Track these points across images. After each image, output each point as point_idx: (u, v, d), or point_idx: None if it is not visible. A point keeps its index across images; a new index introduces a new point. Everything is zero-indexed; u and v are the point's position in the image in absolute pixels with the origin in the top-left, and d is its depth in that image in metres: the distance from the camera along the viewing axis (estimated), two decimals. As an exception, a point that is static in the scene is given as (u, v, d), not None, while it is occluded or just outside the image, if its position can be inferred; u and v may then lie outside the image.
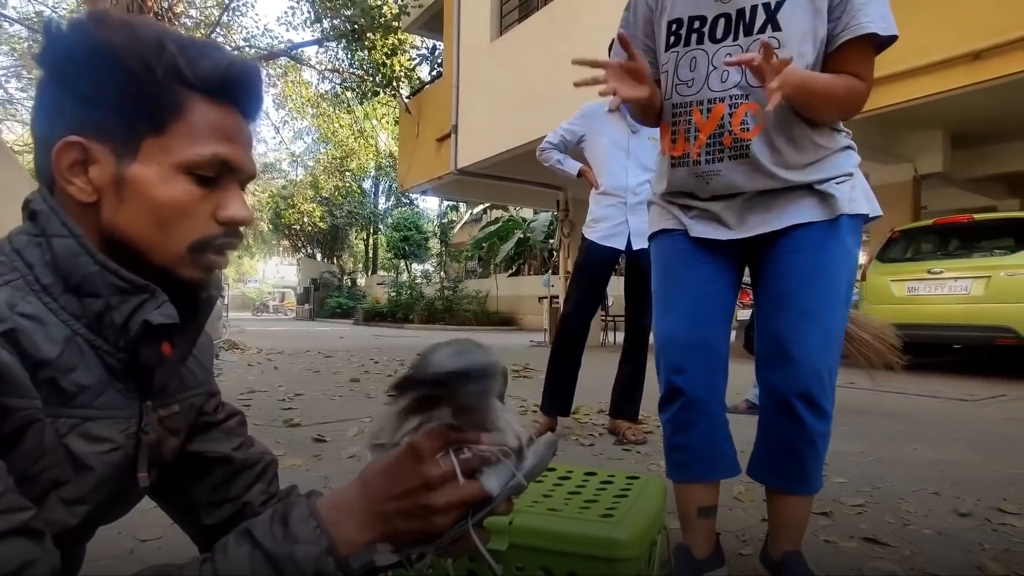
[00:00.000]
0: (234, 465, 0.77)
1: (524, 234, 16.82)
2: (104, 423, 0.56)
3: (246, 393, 3.89)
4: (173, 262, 0.59)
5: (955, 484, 2.09)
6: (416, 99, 11.29)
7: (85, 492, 0.56)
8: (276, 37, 13.50)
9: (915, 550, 1.51)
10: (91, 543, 1.39)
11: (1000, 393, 4.40)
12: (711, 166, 1.19)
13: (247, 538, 0.52)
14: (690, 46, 1.20)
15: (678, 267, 1.29)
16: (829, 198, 1.18)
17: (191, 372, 0.72)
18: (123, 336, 0.57)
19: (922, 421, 3.33)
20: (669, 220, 1.31)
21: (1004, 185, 9.12)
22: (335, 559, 0.52)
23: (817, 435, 1.19)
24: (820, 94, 1.11)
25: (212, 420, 0.78)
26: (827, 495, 1.94)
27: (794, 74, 1.05)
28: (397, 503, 0.55)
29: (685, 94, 1.21)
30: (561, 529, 0.85)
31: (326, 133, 19.05)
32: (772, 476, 1.25)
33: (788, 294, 1.19)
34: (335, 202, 23.63)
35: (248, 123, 0.64)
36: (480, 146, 8.78)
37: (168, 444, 0.67)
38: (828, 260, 1.18)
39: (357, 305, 19.38)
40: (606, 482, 1.07)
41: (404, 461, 0.56)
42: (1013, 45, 4.78)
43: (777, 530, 1.28)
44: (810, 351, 1.16)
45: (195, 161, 0.58)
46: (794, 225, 1.19)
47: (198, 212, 0.59)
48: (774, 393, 1.21)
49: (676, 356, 1.26)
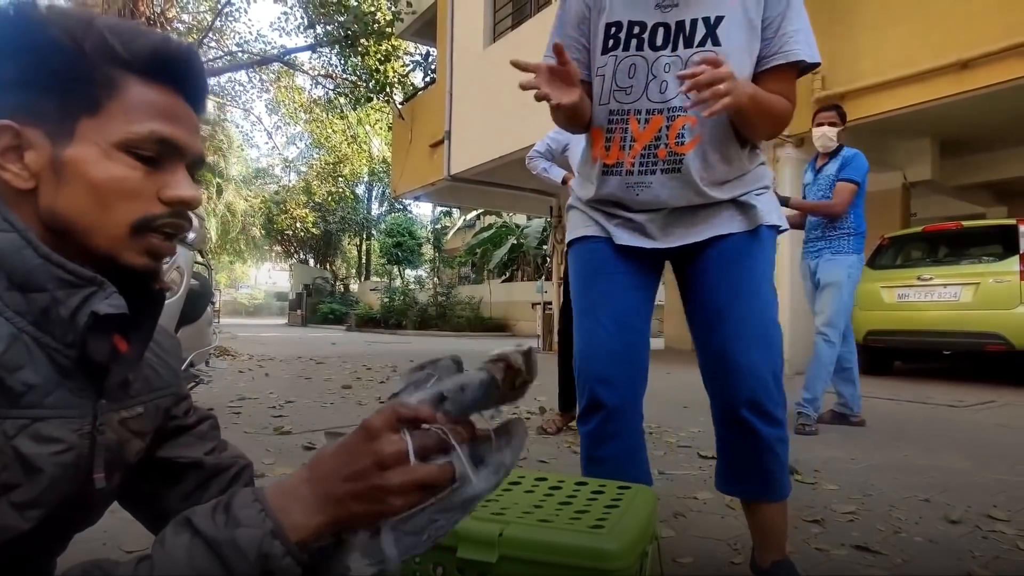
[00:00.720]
0: (206, 471, 0.75)
1: (517, 240, 16.83)
2: (55, 423, 0.54)
3: (236, 400, 3.86)
4: (116, 245, 0.58)
5: (946, 491, 2.10)
6: (409, 105, 11.31)
7: (37, 495, 0.54)
8: (269, 42, 13.53)
9: (906, 558, 1.51)
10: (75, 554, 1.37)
11: (989, 399, 4.42)
12: (643, 177, 1.19)
13: (186, 527, 0.50)
14: (629, 51, 1.18)
15: (601, 275, 1.28)
16: (749, 209, 1.21)
17: (156, 373, 0.70)
18: (71, 331, 0.55)
19: (912, 427, 3.34)
20: (591, 227, 1.29)
21: (992, 192, 9.21)
22: (282, 542, 0.49)
23: (775, 441, 1.20)
24: (765, 110, 1.14)
25: (183, 424, 0.76)
26: (818, 502, 1.94)
27: (746, 85, 1.07)
28: (349, 484, 0.51)
29: (623, 101, 1.19)
30: (552, 540, 0.84)
31: (319, 138, 19.00)
32: (739, 487, 1.26)
33: (724, 306, 1.20)
34: (328, 208, 23.57)
35: (191, 108, 0.62)
36: (473, 152, 8.80)
37: (131, 447, 0.65)
38: (754, 268, 1.21)
39: (350, 311, 19.31)
40: (597, 492, 1.06)
41: (356, 440, 0.53)
42: (1001, 54, 4.84)
43: (759, 539, 1.28)
44: (755, 360, 1.17)
45: (132, 139, 0.57)
46: (717, 236, 1.20)
47: (140, 191, 0.58)
48: (724, 406, 1.21)
49: (601, 366, 1.25)
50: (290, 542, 0.50)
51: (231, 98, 15.68)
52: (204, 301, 3.34)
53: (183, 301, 2.87)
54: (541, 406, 3.56)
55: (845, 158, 3.29)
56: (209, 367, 3.88)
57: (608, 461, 1.25)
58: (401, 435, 0.52)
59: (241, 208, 22.69)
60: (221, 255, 24.25)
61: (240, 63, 12.92)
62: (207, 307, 3.40)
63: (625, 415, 1.24)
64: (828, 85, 5.95)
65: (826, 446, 2.82)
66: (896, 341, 5.69)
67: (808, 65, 1.18)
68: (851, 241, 3.27)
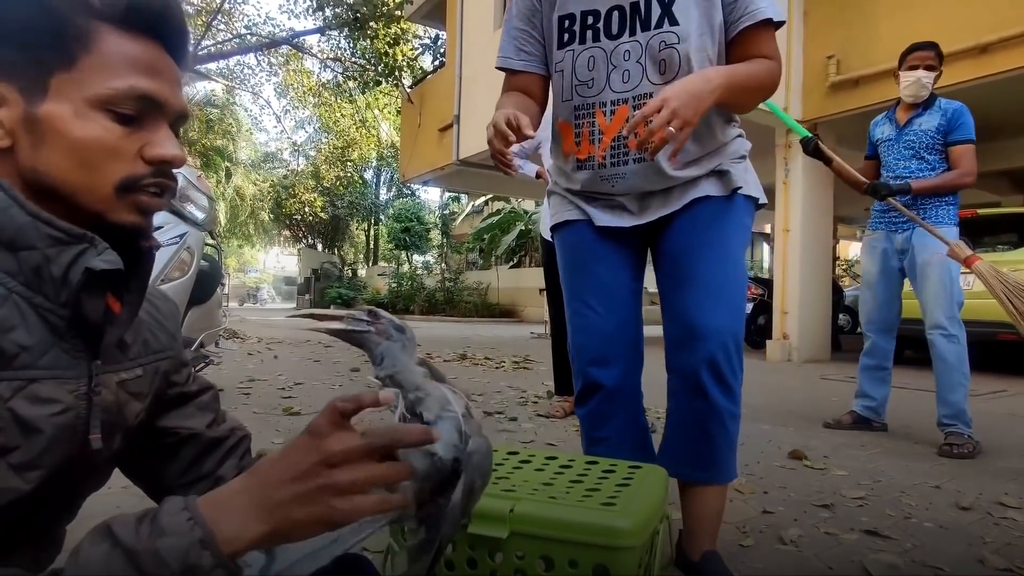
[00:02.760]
0: (204, 443, 0.75)
1: (525, 226, 16.77)
2: (50, 384, 0.54)
3: (246, 381, 3.89)
4: (103, 205, 0.56)
5: (956, 478, 2.08)
6: (418, 89, 11.23)
7: (35, 456, 0.53)
8: (278, 25, 13.46)
9: (916, 543, 1.51)
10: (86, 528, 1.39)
11: (1001, 389, 4.39)
12: (616, 169, 1.18)
13: (106, 537, 0.46)
14: (586, 44, 1.16)
15: (587, 258, 1.27)
16: (724, 175, 1.20)
17: (155, 336, 0.69)
18: (64, 290, 0.54)
19: (923, 415, 3.32)
20: (571, 211, 1.29)
21: (1008, 180, 9.08)
22: (212, 552, 0.45)
23: (727, 414, 1.17)
24: (746, 87, 1.12)
25: (186, 391, 0.75)
26: (828, 487, 1.94)
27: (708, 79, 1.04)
28: (292, 487, 0.47)
29: (586, 95, 1.18)
30: (563, 517, 0.84)
31: (327, 123, 18.96)
32: (684, 465, 1.21)
33: (690, 269, 1.19)
34: (336, 192, 23.55)
35: (172, 58, 0.60)
36: (482, 137, 8.55)
37: (131, 409, 0.64)
38: (726, 233, 1.19)
39: (358, 296, 19.36)
40: (608, 471, 1.06)
41: (300, 441, 0.50)
42: (1020, 38, 4.74)
43: (693, 527, 1.23)
44: (717, 324, 1.15)
45: (110, 95, 0.54)
46: (692, 201, 1.19)
47: (122, 150, 0.56)
48: (681, 370, 1.19)
49: (596, 347, 1.24)
50: (222, 553, 0.45)
51: (240, 81, 15.64)
52: (214, 282, 3.35)
53: (193, 282, 2.88)
54: (549, 390, 3.56)
55: (952, 112, 2.66)
56: (219, 348, 3.90)
57: (608, 441, 1.24)
58: (351, 433, 0.49)
59: (250, 192, 22.71)
60: (230, 239, 24.33)
61: (249, 46, 12.88)
62: (217, 288, 3.41)
63: (622, 394, 1.24)
64: (843, 70, 5.87)
65: (836, 433, 2.80)
66: (907, 330, 5.62)
67: (778, 24, 1.15)
68: (951, 211, 2.66)
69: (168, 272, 2.70)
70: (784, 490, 1.90)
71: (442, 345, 7.06)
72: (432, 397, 0.58)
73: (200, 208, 3.01)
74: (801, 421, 3.07)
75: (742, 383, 1.20)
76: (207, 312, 3.26)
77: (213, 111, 18.95)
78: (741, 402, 1.21)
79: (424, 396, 0.58)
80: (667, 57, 1.12)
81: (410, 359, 0.60)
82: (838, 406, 3.55)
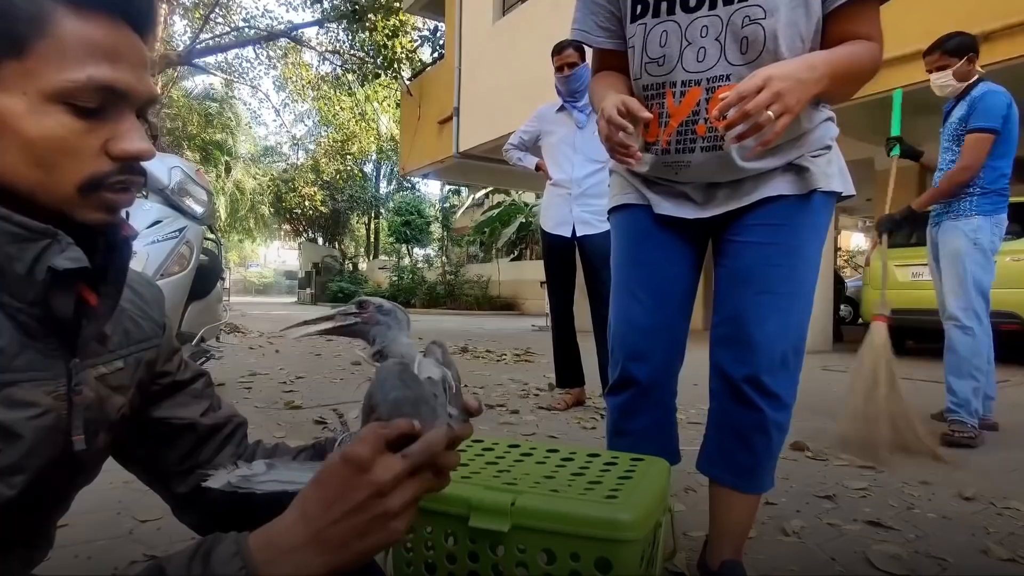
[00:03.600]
0: (201, 432, 0.73)
1: (526, 219, 16.74)
2: (27, 387, 0.51)
3: (247, 376, 3.89)
4: (65, 205, 0.52)
5: (959, 469, 2.08)
6: (417, 81, 11.19)
7: (17, 460, 0.51)
8: (276, 18, 13.41)
9: (919, 533, 1.50)
10: (87, 525, 1.39)
11: (1003, 379, 4.38)
12: (681, 156, 1.08)
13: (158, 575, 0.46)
14: (659, 17, 1.05)
15: (641, 247, 1.19)
16: (803, 172, 1.08)
17: (137, 325, 0.67)
18: (31, 289, 0.51)
19: (925, 406, 3.31)
20: (631, 193, 1.20)
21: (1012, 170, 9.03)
22: None
23: (772, 425, 1.09)
24: (850, 75, 1.00)
25: (179, 379, 0.73)
26: (830, 478, 1.93)
27: (811, 66, 0.92)
28: (349, 522, 0.49)
29: (656, 74, 1.07)
30: (564, 510, 0.83)
31: (327, 116, 18.93)
32: (720, 469, 1.15)
33: (750, 272, 1.10)
34: (336, 186, 23.52)
35: (137, 36, 0.54)
36: (482, 129, 8.71)
37: (112, 403, 0.62)
38: (795, 237, 1.09)
39: (359, 289, 19.37)
40: (610, 463, 1.06)
41: (345, 476, 0.49)
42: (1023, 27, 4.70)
43: (718, 535, 1.17)
44: (769, 333, 1.07)
45: (67, 88, 0.49)
46: (763, 199, 1.09)
47: (83, 148, 0.50)
48: (727, 377, 1.11)
49: (635, 341, 1.18)
50: None
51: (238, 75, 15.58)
52: (214, 277, 3.34)
53: (192, 277, 2.87)
54: (550, 383, 3.56)
55: (973, 99, 2.56)
56: (220, 343, 3.90)
57: (635, 434, 1.20)
58: (393, 457, 0.50)
59: (250, 186, 22.66)
60: (230, 233, 24.31)
61: (247, 39, 12.82)
62: (217, 283, 3.40)
63: (657, 391, 1.19)
64: (845, 59, 5.83)
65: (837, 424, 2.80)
66: (909, 320, 5.63)
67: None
68: (975, 202, 2.58)
69: (167, 267, 2.69)
70: (786, 481, 1.90)
71: (443, 338, 7.05)
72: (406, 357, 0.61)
73: (199, 202, 3.00)
74: (804, 412, 3.06)
75: (796, 392, 1.13)
76: (207, 307, 3.26)
77: (212, 105, 18.90)
78: (791, 411, 1.13)
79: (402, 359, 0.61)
80: (750, 34, 0.99)
81: (398, 333, 0.63)
82: (840, 397, 3.55)
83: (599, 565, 0.81)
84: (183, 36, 14.13)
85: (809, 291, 1.13)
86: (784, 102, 0.88)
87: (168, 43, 11.36)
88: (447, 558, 0.89)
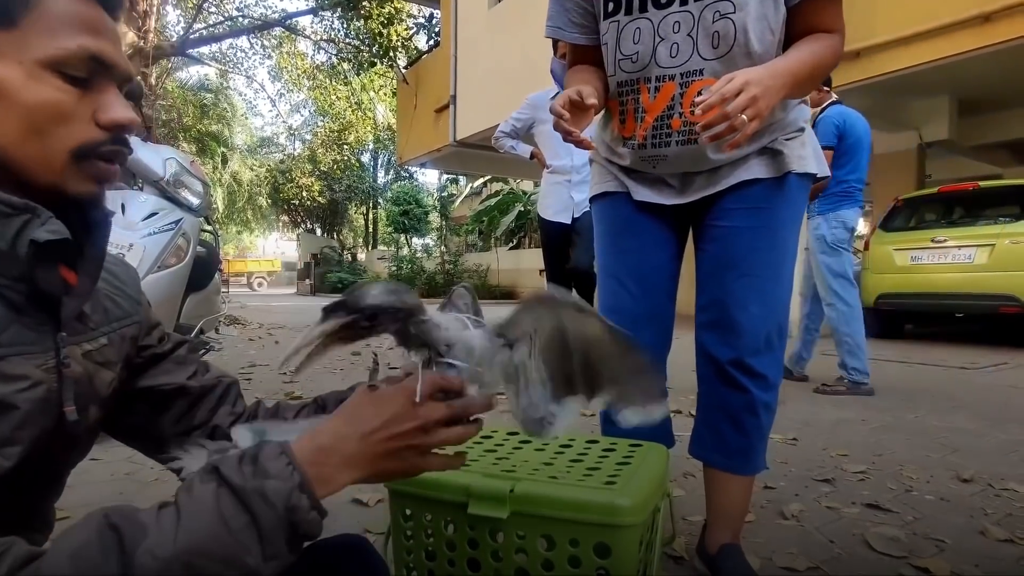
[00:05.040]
0: (192, 394, 0.74)
1: (524, 207, 16.69)
2: (16, 360, 0.52)
3: (247, 367, 3.90)
4: (57, 176, 0.54)
5: (957, 451, 2.09)
6: (413, 70, 11.11)
7: (11, 432, 0.52)
8: (270, 7, 13.25)
9: (917, 515, 1.51)
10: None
11: (1002, 361, 4.40)
12: (657, 151, 1.11)
13: (213, 475, 0.49)
14: (632, 14, 1.07)
15: (623, 234, 1.22)
16: (777, 155, 1.11)
17: (115, 304, 0.68)
18: (14, 264, 0.53)
19: (924, 389, 3.33)
20: (610, 181, 1.22)
21: (1010, 152, 9.01)
22: (308, 496, 0.50)
23: (760, 405, 1.12)
24: (810, 75, 1.02)
25: (160, 351, 0.74)
26: (829, 462, 1.94)
27: (775, 72, 0.95)
28: (388, 444, 0.55)
29: (630, 70, 1.10)
30: (563, 496, 0.84)
31: (323, 106, 18.77)
32: (713, 452, 1.17)
33: (731, 256, 1.12)
34: (334, 176, 23.42)
35: (110, 17, 0.57)
36: (479, 117, 8.66)
37: (102, 378, 0.63)
38: (773, 219, 1.11)
39: (358, 280, 19.36)
40: (608, 450, 1.06)
41: (403, 403, 0.56)
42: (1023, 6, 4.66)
43: (715, 518, 1.19)
44: (753, 316, 1.10)
45: (61, 56, 0.52)
46: (740, 182, 1.11)
47: (75, 115, 0.54)
48: (714, 360, 1.14)
49: (624, 329, 1.20)
50: (316, 497, 0.51)
51: (233, 65, 15.46)
52: (211, 269, 3.33)
53: (190, 268, 2.86)
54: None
55: (816, 121, 3.18)
56: (219, 335, 3.90)
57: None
58: (439, 403, 0.57)
59: (247, 178, 22.58)
60: (228, 225, 24.26)
61: (241, 28, 12.69)
62: (215, 275, 3.39)
63: None
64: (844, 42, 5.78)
65: (837, 408, 2.81)
66: (908, 304, 5.64)
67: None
68: (815, 204, 3.25)
69: (164, 259, 2.68)
70: (785, 465, 1.91)
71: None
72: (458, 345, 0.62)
73: (195, 194, 2.98)
74: (803, 396, 3.07)
75: (782, 371, 1.15)
76: (205, 298, 3.25)
77: (207, 96, 18.77)
78: (779, 389, 1.16)
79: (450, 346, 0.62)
80: (721, 29, 1.02)
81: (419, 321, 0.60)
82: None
83: (598, 550, 0.82)
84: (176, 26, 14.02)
85: (789, 272, 1.16)
86: (757, 107, 0.92)
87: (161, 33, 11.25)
88: (447, 545, 0.90)
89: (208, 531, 0.46)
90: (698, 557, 1.23)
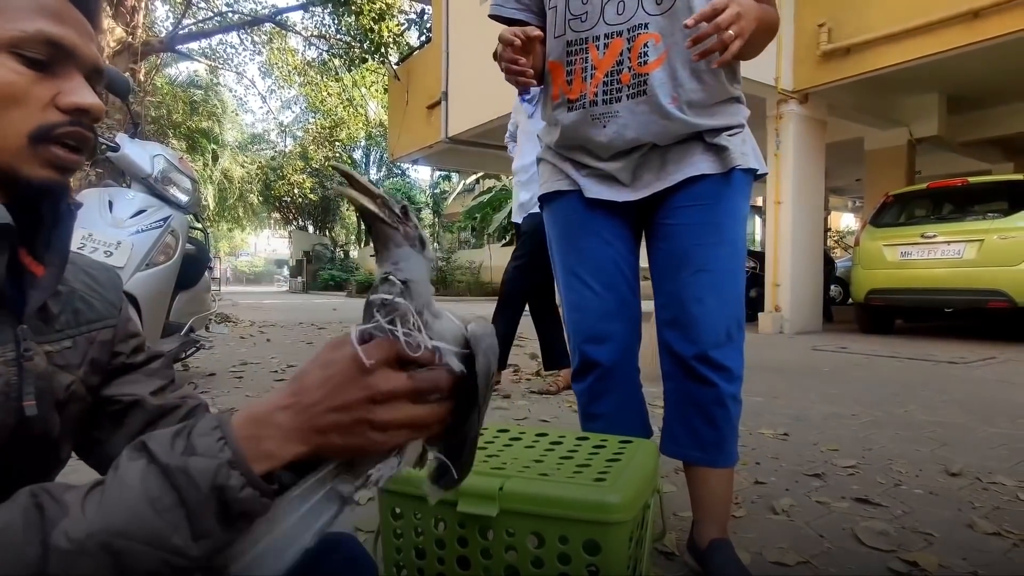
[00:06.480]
0: (149, 411, 0.71)
1: (517, 204, 16.70)
2: None
3: (239, 365, 3.87)
4: (14, 157, 0.53)
5: (946, 445, 2.11)
6: (405, 66, 11.06)
7: None
8: (260, 2, 13.12)
9: (906, 509, 1.52)
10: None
11: (991, 356, 4.43)
12: (609, 107, 1.12)
13: (143, 452, 0.46)
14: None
15: (579, 232, 1.22)
16: (722, 151, 1.14)
17: (88, 305, 0.67)
18: None
19: (913, 384, 3.35)
20: (561, 180, 1.23)
21: (1000, 148, 9.08)
22: (242, 472, 0.46)
23: (727, 397, 1.15)
24: (766, 29, 1.06)
25: (130, 362, 0.72)
26: (819, 457, 1.95)
27: (751, 9, 0.99)
28: (335, 416, 0.49)
29: (579, 29, 1.13)
30: (553, 494, 0.83)
31: (314, 102, 18.66)
32: (689, 448, 1.18)
33: (685, 252, 1.15)
34: (325, 173, 23.31)
35: (79, 10, 0.57)
36: (471, 113, 8.63)
37: (58, 381, 0.61)
38: (723, 214, 1.15)
39: (351, 277, 19.29)
40: (599, 446, 1.06)
41: (348, 370, 0.49)
42: (1012, 3, 4.69)
43: (701, 513, 1.20)
44: (710, 310, 1.13)
45: (17, 37, 0.52)
46: (687, 179, 1.14)
47: (33, 97, 0.53)
48: (678, 357, 1.16)
49: (590, 325, 1.21)
50: (252, 473, 0.46)
51: (223, 61, 15.33)
52: (201, 266, 3.31)
53: (179, 266, 2.84)
54: (539, 369, 3.56)
55: None
56: (210, 333, 3.87)
57: (604, 417, 1.23)
58: (398, 373, 0.50)
59: (238, 175, 22.41)
60: (220, 222, 24.09)
61: (230, 24, 12.59)
62: (204, 272, 3.37)
63: (620, 371, 1.22)
64: (834, 38, 5.80)
65: (827, 403, 2.83)
66: (898, 299, 5.68)
67: None
68: None
69: (152, 256, 2.65)
70: (776, 460, 1.91)
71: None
72: (440, 320, 0.55)
73: (183, 191, 2.96)
74: (794, 391, 3.09)
75: (743, 363, 1.18)
76: (195, 296, 3.23)
77: (197, 92, 18.62)
78: (742, 382, 1.18)
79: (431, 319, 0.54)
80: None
81: (422, 270, 0.55)
82: (830, 377, 3.58)
83: (588, 547, 0.81)
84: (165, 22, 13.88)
85: (740, 265, 1.18)
86: (741, 25, 0.96)
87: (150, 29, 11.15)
88: (436, 543, 0.89)
89: (129, 510, 0.44)
90: (688, 553, 1.23)
